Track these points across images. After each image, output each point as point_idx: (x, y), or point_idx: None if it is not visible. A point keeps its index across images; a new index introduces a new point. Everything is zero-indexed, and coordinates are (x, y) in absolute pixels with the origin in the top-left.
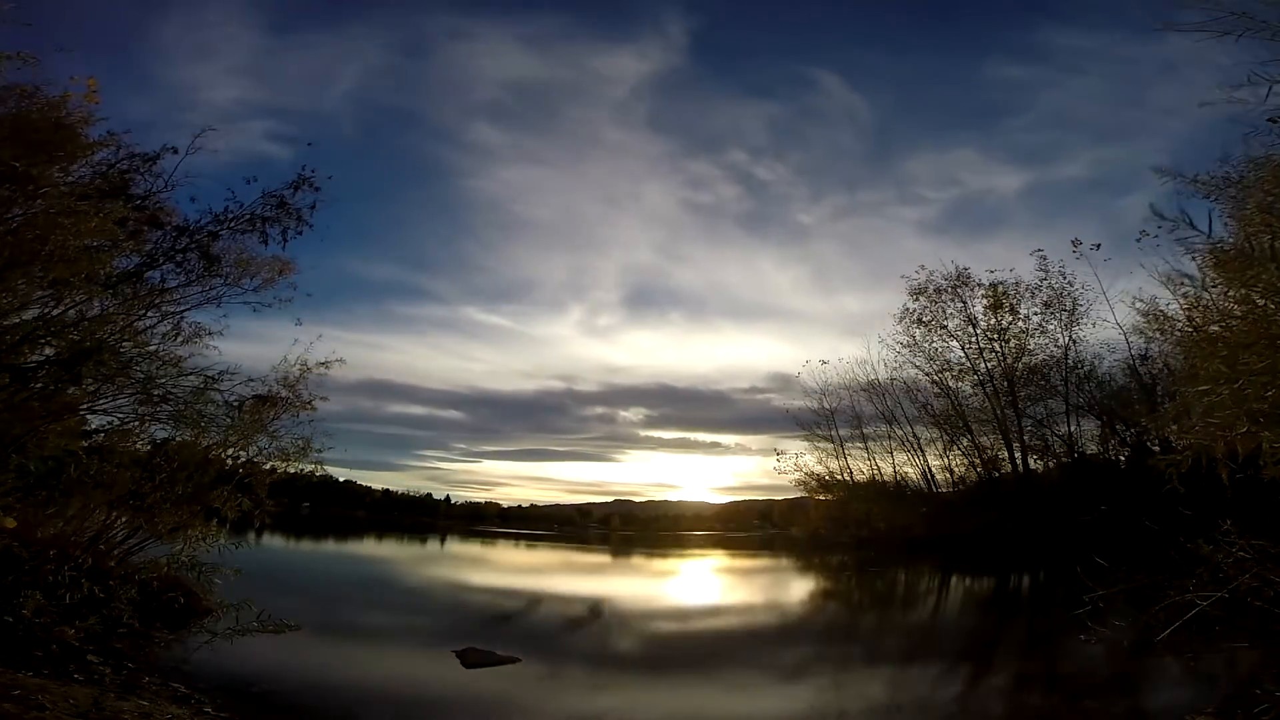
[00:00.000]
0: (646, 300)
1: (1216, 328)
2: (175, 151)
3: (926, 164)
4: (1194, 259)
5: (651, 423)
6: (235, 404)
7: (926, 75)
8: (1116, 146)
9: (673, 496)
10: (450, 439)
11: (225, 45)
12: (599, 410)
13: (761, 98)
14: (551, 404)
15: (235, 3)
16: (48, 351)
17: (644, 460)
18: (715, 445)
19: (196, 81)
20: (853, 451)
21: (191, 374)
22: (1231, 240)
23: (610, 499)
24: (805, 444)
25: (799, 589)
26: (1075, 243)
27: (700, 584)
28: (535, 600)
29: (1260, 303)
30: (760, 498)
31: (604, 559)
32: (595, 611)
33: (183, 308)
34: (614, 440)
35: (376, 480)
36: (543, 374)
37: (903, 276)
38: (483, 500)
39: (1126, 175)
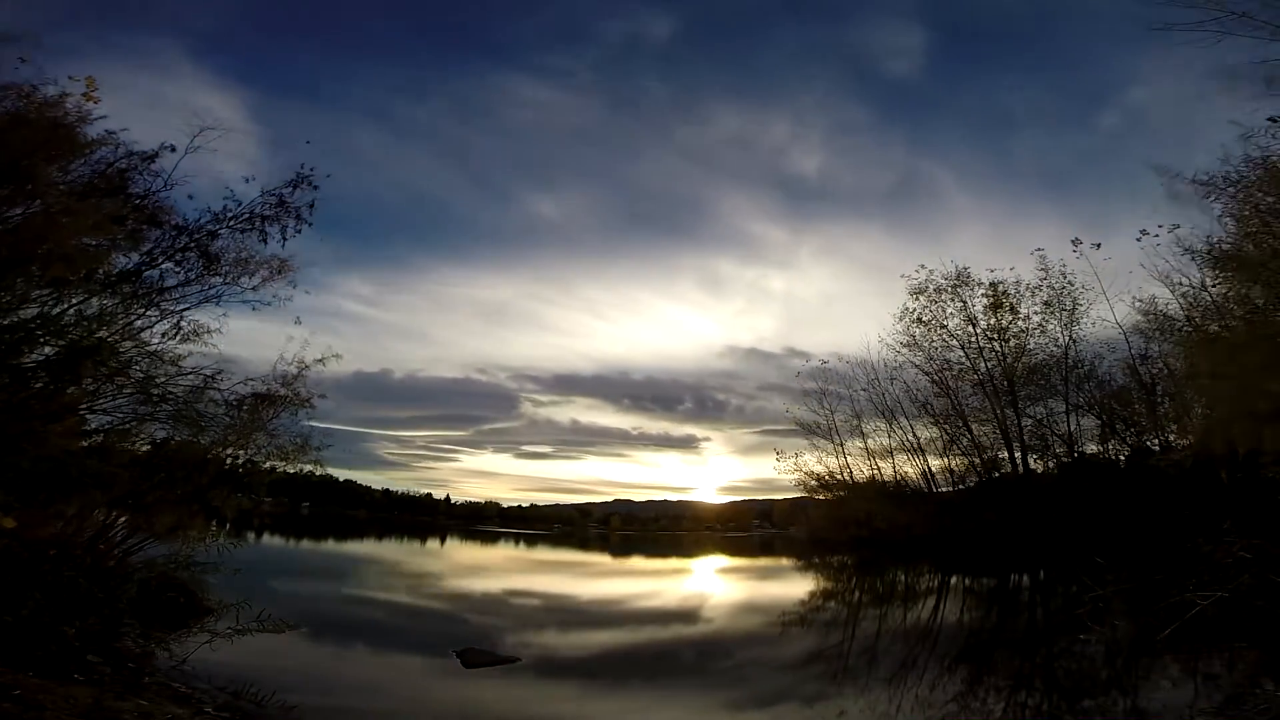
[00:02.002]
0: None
1: (1216, 327)
2: (173, 150)
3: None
4: (1193, 259)
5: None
6: (234, 403)
7: None
8: None
9: (673, 497)
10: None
11: None
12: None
13: None
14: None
15: None
16: (47, 351)
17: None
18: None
19: None
20: (853, 451)
21: (191, 373)
22: (1230, 241)
23: (610, 499)
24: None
25: (798, 589)
26: (1075, 242)
27: (700, 585)
28: (535, 600)
29: (1259, 303)
30: (760, 497)
31: (602, 560)
32: (594, 612)
33: (182, 307)
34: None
35: None
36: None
37: (903, 276)
38: (482, 500)
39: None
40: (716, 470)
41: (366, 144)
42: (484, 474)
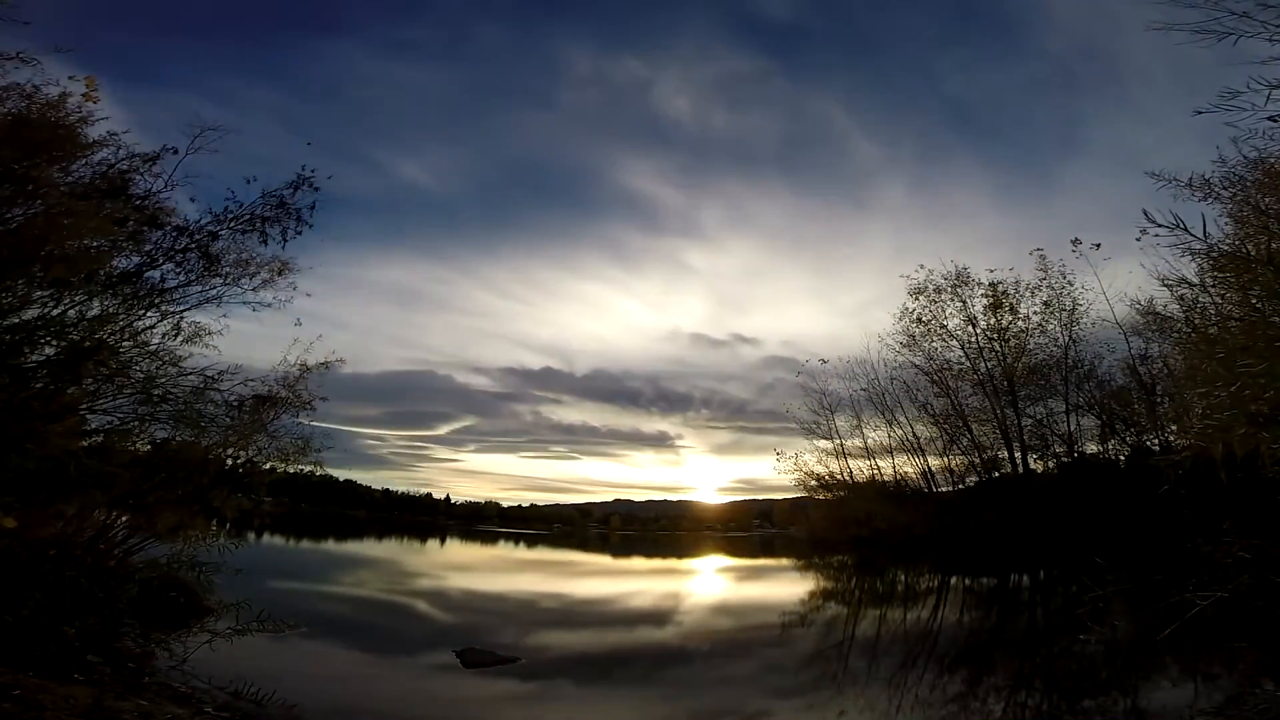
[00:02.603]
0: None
1: (1215, 330)
2: (175, 151)
3: None
4: (1192, 260)
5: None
6: (235, 404)
7: None
8: None
9: (672, 497)
10: None
11: None
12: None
13: None
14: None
15: None
16: (48, 351)
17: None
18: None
19: None
20: (853, 451)
21: (191, 374)
22: (1228, 242)
23: (610, 499)
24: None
25: (798, 589)
26: (1075, 242)
27: (700, 585)
28: (535, 600)
29: (1258, 305)
30: (761, 497)
31: (602, 560)
32: (595, 612)
33: (183, 308)
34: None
35: None
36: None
37: (902, 276)
38: (482, 500)
39: None
40: (697, 471)
41: (210, 122)
42: (468, 473)
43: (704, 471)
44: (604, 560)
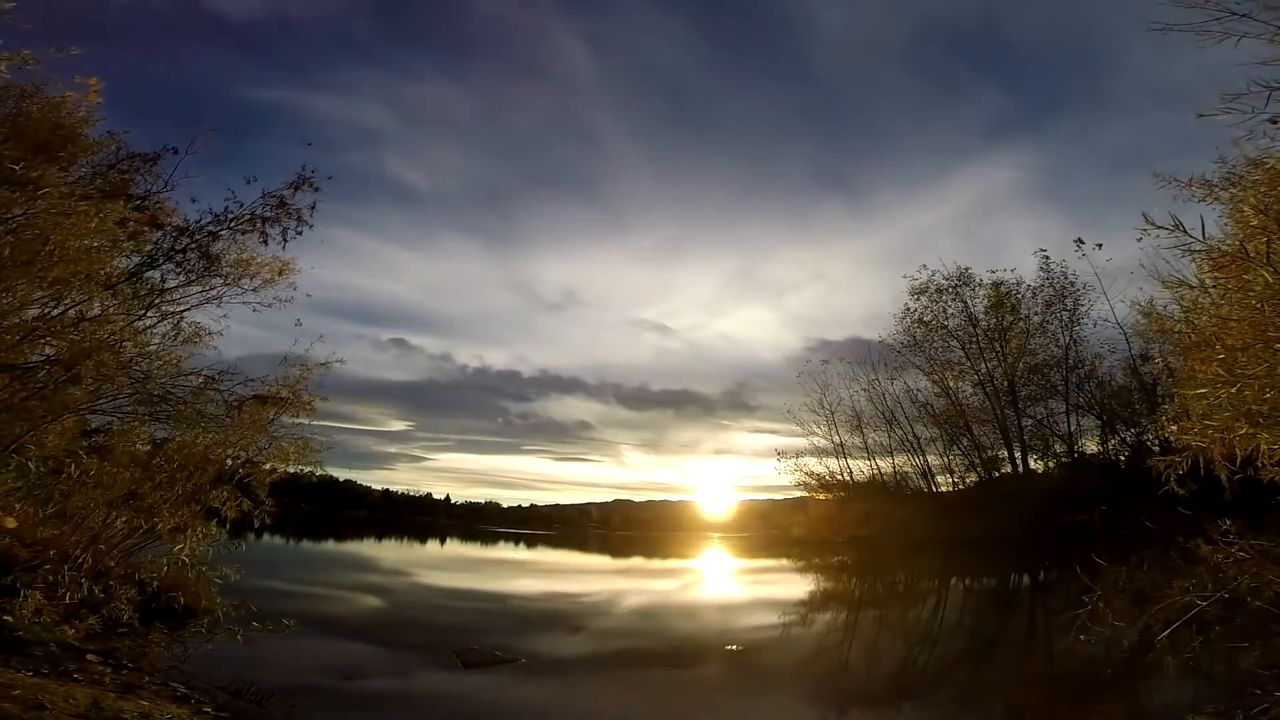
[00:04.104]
0: None
1: (1214, 330)
2: (175, 152)
3: None
4: (1192, 261)
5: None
6: (235, 404)
7: None
8: None
9: (672, 497)
10: None
11: None
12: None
13: None
14: None
15: None
16: (48, 351)
17: None
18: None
19: None
20: (853, 451)
21: (191, 374)
22: (1228, 243)
23: (610, 499)
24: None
25: (798, 590)
26: (1078, 242)
27: (699, 585)
28: (535, 600)
29: (1258, 306)
30: (761, 497)
31: (602, 560)
32: (594, 612)
33: (183, 308)
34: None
35: None
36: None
37: (904, 276)
38: (483, 500)
39: None
40: (640, 472)
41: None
42: (440, 471)
43: (648, 469)
44: (603, 560)
